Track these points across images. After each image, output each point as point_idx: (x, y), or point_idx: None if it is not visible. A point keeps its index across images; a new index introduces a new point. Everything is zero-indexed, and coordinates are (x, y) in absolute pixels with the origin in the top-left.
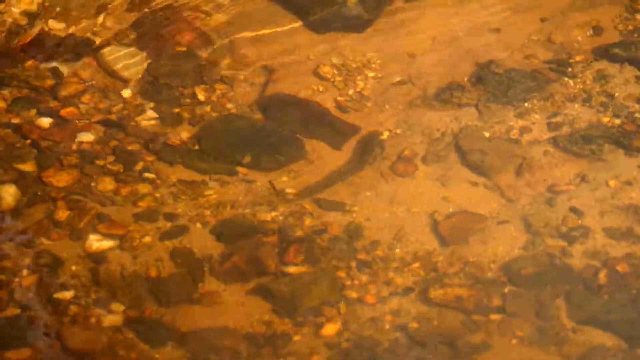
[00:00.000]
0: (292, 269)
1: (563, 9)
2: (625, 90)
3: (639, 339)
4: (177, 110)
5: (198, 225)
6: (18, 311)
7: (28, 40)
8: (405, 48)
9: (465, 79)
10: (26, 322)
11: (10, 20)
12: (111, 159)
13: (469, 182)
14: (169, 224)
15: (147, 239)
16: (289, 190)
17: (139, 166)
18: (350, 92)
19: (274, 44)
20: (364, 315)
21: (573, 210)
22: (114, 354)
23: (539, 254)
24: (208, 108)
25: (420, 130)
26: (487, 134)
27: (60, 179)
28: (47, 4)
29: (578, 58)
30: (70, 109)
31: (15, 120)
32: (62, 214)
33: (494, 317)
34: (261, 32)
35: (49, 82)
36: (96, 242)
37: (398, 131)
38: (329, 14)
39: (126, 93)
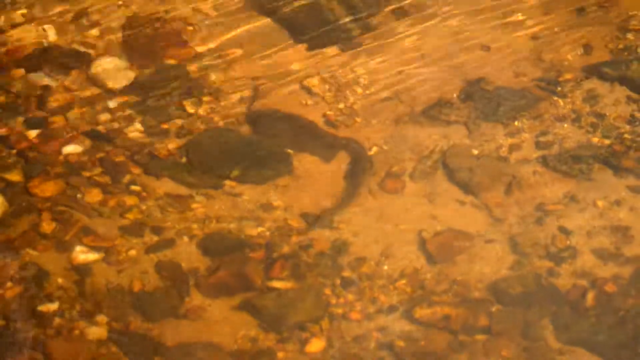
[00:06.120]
0: (278, 285)
1: (553, 28)
2: (615, 111)
3: None
4: (165, 122)
5: (184, 239)
6: (2, 322)
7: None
8: (394, 64)
9: (455, 96)
10: (10, 334)
11: None
12: (98, 170)
13: (457, 200)
14: (155, 237)
15: (133, 252)
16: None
17: (126, 178)
18: (341, 106)
19: (263, 58)
20: (350, 332)
21: (561, 230)
22: None
23: (526, 274)
24: (196, 121)
25: (408, 146)
26: (475, 152)
27: (46, 190)
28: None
29: (568, 76)
30: (57, 120)
31: (2, 130)
32: (48, 225)
33: (480, 337)
34: (250, 46)
35: (37, 92)
36: (82, 255)
37: (386, 147)
38: (320, 29)
39: (114, 105)
